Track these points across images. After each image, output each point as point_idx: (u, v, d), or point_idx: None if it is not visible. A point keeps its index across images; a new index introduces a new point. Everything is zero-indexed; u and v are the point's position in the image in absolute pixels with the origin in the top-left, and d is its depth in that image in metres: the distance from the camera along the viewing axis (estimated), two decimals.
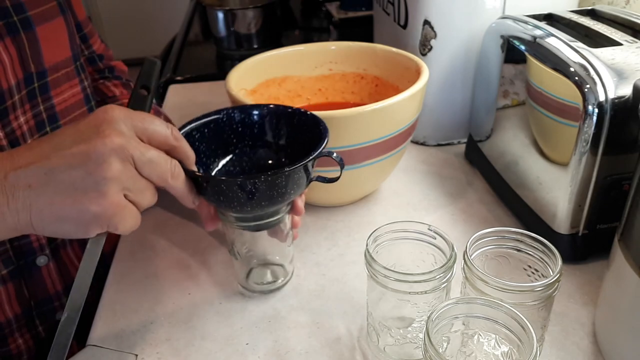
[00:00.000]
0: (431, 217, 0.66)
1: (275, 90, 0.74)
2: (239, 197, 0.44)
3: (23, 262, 0.58)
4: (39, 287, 0.61)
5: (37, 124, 0.58)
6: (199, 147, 0.50)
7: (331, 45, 0.74)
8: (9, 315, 0.58)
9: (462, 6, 0.70)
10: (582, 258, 0.57)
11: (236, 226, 0.51)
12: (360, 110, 0.56)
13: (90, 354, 0.50)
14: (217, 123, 0.52)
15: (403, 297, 0.43)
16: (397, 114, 0.59)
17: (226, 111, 0.52)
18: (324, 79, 0.74)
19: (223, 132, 0.53)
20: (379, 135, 0.59)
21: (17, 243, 0.57)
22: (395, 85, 0.72)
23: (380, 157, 0.61)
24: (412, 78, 0.64)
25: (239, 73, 0.67)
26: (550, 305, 0.43)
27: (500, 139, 0.66)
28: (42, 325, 0.62)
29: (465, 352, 0.41)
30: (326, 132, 0.49)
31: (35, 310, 0.61)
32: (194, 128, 0.50)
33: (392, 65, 0.71)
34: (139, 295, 0.56)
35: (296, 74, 0.74)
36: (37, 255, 0.59)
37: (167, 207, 0.70)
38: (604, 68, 0.50)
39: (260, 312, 0.54)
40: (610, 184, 0.51)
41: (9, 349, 0.60)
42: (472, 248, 0.44)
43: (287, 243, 0.55)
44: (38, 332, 0.62)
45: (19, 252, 0.57)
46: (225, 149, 0.53)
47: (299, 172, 0.45)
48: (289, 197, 0.47)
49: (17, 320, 0.59)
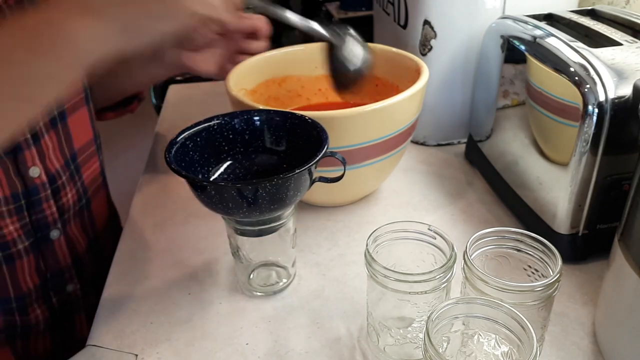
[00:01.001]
0: (431, 217, 0.66)
1: (275, 90, 0.74)
2: (242, 202, 0.44)
3: (40, 235, 0.61)
4: (53, 259, 0.64)
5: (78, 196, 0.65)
6: (193, 156, 0.50)
7: (319, 46, 0.74)
8: (30, 286, 0.62)
9: (462, 6, 0.70)
10: (582, 258, 0.57)
11: (239, 232, 0.51)
12: (360, 110, 0.56)
13: (90, 354, 0.50)
14: (209, 131, 0.52)
15: (403, 297, 0.43)
16: (397, 114, 0.59)
17: (219, 118, 0.52)
18: (324, 79, 0.74)
19: (215, 140, 0.52)
20: (379, 135, 0.59)
21: (35, 217, 0.60)
22: (395, 85, 0.72)
23: (380, 157, 0.61)
24: (412, 78, 0.63)
25: (238, 73, 0.67)
26: (550, 305, 0.43)
27: (500, 139, 0.66)
28: (55, 297, 0.66)
29: (465, 352, 0.41)
30: (325, 134, 0.49)
31: (50, 282, 0.64)
32: (187, 137, 0.50)
33: (391, 65, 0.71)
34: (139, 295, 0.56)
35: (296, 74, 0.74)
36: (51, 229, 0.62)
37: (167, 207, 0.70)
38: (604, 68, 0.50)
39: (260, 312, 0.54)
40: (610, 184, 0.51)
41: (29, 318, 0.63)
42: (472, 248, 0.44)
43: (290, 245, 0.55)
44: (52, 304, 0.66)
45: (36, 225, 0.61)
46: (221, 157, 0.53)
47: (304, 175, 0.45)
48: (293, 200, 0.47)
49: (36, 291, 0.63)
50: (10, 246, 0.58)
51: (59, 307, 0.66)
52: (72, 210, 0.65)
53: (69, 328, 0.69)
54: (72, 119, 0.64)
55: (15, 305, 0.61)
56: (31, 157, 0.58)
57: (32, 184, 0.58)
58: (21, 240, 0.59)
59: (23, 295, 0.61)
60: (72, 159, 0.65)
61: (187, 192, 0.48)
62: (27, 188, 0.58)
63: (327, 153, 0.47)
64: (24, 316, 0.63)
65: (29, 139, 0.58)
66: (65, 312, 0.68)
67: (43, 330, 0.65)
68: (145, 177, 0.77)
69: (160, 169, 0.79)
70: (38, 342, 0.65)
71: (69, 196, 0.64)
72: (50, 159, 0.61)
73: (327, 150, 0.47)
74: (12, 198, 0.57)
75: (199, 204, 0.48)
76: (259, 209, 0.46)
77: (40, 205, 0.60)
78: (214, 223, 0.66)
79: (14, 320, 0.62)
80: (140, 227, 0.67)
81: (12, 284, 0.60)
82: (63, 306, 0.67)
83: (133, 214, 0.70)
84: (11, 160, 0.56)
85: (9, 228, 0.57)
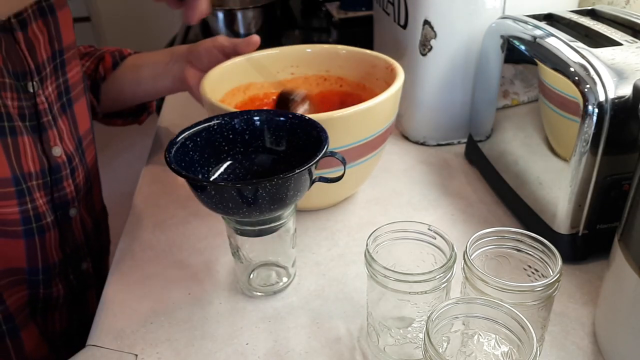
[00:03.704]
0: (431, 217, 0.66)
1: (241, 97, 0.73)
2: (242, 202, 0.44)
3: (61, 212, 0.65)
4: (71, 237, 0.68)
5: (59, 94, 0.65)
6: (193, 156, 0.50)
7: (291, 50, 0.74)
8: (55, 260, 0.65)
9: (462, 6, 0.70)
10: (582, 258, 0.57)
11: (239, 232, 0.51)
12: (357, 109, 0.56)
13: (90, 353, 0.50)
14: (209, 131, 0.52)
15: (403, 297, 0.43)
16: (387, 110, 0.60)
17: (219, 118, 0.52)
18: (286, 84, 0.73)
19: (215, 140, 0.52)
20: (369, 134, 0.59)
21: (58, 194, 0.64)
22: (362, 84, 0.73)
23: (367, 156, 0.61)
24: (380, 75, 0.65)
25: (209, 83, 0.65)
26: (550, 305, 0.43)
27: (501, 139, 0.66)
28: (72, 274, 0.69)
29: (465, 352, 0.41)
30: (325, 134, 0.49)
31: (69, 258, 0.68)
32: (187, 137, 0.50)
33: (356, 64, 0.72)
34: (139, 295, 0.56)
35: (259, 80, 0.73)
36: (70, 206, 0.66)
37: (167, 207, 0.70)
38: (604, 68, 0.50)
39: (260, 312, 0.54)
40: (610, 184, 0.51)
41: (52, 291, 0.66)
42: (472, 248, 0.44)
43: (290, 245, 0.55)
44: (70, 280, 0.69)
45: (58, 203, 0.64)
46: (221, 157, 0.53)
47: (304, 175, 0.45)
48: (294, 200, 0.47)
49: (59, 265, 0.66)
50: (42, 218, 0.62)
51: (76, 284, 0.70)
52: (82, 191, 0.69)
53: (83, 304, 0.73)
54: (77, 107, 0.69)
55: (41, 278, 0.64)
56: (53, 137, 0.62)
57: (55, 162, 0.63)
58: (49, 215, 0.63)
59: (49, 268, 0.65)
60: (79, 143, 0.69)
61: (187, 192, 0.48)
62: (52, 166, 0.62)
63: (327, 153, 0.47)
64: (48, 289, 0.66)
65: (50, 120, 0.62)
66: (81, 289, 0.71)
67: (61, 304, 0.69)
68: (145, 177, 0.77)
69: (160, 169, 0.79)
70: (56, 317, 0.69)
71: (80, 178, 0.68)
72: (65, 142, 0.65)
73: (327, 151, 0.47)
74: (41, 173, 0.61)
75: (199, 204, 0.48)
76: (259, 209, 0.46)
77: (62, 182, 0.64)
78: (214, 223, 0.66)
79: (38, 294, 0.65)
80: (140, 227, 0.67)
81: (42, 255, 0.63)
82: (79, 282, 0.71)
83: (133, 214, 0.70)
84: (38, 138, 0.61)
85: (40, 201, 0.61)
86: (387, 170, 0.75)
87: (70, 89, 0.67)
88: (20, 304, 0.63)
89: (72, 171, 0.66)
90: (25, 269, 0.62)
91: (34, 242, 0.62)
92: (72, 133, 0.67)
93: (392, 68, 0.66)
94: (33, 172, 0.59)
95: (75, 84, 0.68)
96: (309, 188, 0.49)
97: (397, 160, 0.78)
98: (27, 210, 0.60)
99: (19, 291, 0.63)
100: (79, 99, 0.69)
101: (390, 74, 0.66)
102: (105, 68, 0.80)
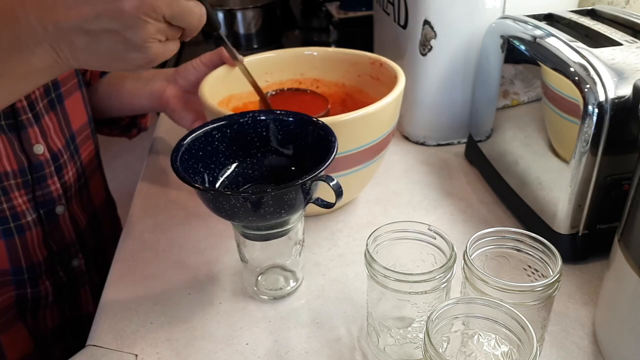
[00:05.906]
0: (431, 217, 0.66)
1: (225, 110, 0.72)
2: (246, 209, 0.44)
3: (46, 210, 0.65)
4: (59, 234, 0.68)
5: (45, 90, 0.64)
6: (201, 158, 0.50)
7: (262, 57, 0.73)
8: (40, 258, 0.65)
9: (462, 6, 0.70)
10: (582, 258, 0.57)
11: (247, 236, 0.51)
12: (364, 112, 0.56)
13: (90, 353, 0.50)
14: (241, 125, 0.52)
15: (403, 297, 0.43)
16: (392, 112, 0.60)
17: (251, 114, 0.52)
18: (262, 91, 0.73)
19: (246, 135, 0.52)
20: (375, 137, 0.59)
21: (42, 192, 0.64)
22: (341, 83, 0.73)
23: (372, 159, 0.61)
24: (364, 70, 0.64)
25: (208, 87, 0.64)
26: (550, 305, 0.43)
27: (500, 139, 0.66)
28: (62, 271, 0.69)
29: (465, 352, 0.41)
30: (334, 137, 0.48)
31: (57, 256, 0.68)
32: (194, 139, 0.50)
33: (332, 63, 0.72)
34: (139, 295, 0.56)
35: (237, 91, 0.71)
36: (56, 204, 0.66)
37: (167, 207, 0.70)
38: (604, 68, 0.50)
39: (260, 312, 0.54)
40: (610, 184, 0.51)
41: (39, 290, 0.66)
42: (472, 248, 0.44)
43: (298, 249, 0.55)
44: (60, 277, 0.69)
45: (43, 200, 0.64)
46: (229, 158, 0.53)
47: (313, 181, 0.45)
48: (302, 205, 0.47)
49: (45, 264, 0.66)
50: (21, 217, 0.62)
51: (66, 281, 0.70)
52: (74, 188, 0.69)
53: (75, 301, 0.72)
54: (69, 102, 0.68)
55: (27, 277, 0.64)
56: (34, 135, 0.62)
57: (36, 160, 0.62)
58: (29, 213, 0.63)
59: (33, 266, 0.64)
60: (72, 139, 0.69)
61: (187, 192, 0.48)
62: (32, 164, 0.62)
63: (321, 178, 0.46)
64: (34, 288, 0.65)
65: (30, 118, 0.61)
66: (72, 286, 0.71)
67: (51, 303, 0.68)
68: (145, 177, 0.77)
69: (160, 169, 0.79)
70: (46, 316, 0.68)
71: (70, 174, 0.68)
72: (52, 138, 0.64)
73: (322, 175, 0.46)
74: (19, 172, 0.60)
75: (199, 204, 0.48)
76: (267, 215, 0.45)
77: (46, 180, 0.64)
78: (214, 223, 0.66)
79: (25, 294, 0.65)
80: (140, 227, 0.67)
81: (24, 255, 0.63)
82: (70, 280, 0.70)
83: (133, 214, 0.70)
84: (15, 137, 0.60)
85: (18, 200, 0.61)
86: (387, 170, 0.75)
87: (59, 84, 0.66)
88: (7, 304, 0.63)
89: (58, 168, 0.65)
90: (9, 269, 0.62)
91: (14, 241, 0.61)
92: (63, 129, 0.66)
93: (380, 62, 0.66)
94: (10, 171, 0.59)
95: (66, 79, 0.67)
96: (304, 206, 0.48)
97: (397, 161, 0.78)
98: (3, 210, 0.59)
99: (6, 292, 0.62)
100: (72, 93, 0.68)
101: (380, 68, 0.65)
102: (92, 74, 0.78)
